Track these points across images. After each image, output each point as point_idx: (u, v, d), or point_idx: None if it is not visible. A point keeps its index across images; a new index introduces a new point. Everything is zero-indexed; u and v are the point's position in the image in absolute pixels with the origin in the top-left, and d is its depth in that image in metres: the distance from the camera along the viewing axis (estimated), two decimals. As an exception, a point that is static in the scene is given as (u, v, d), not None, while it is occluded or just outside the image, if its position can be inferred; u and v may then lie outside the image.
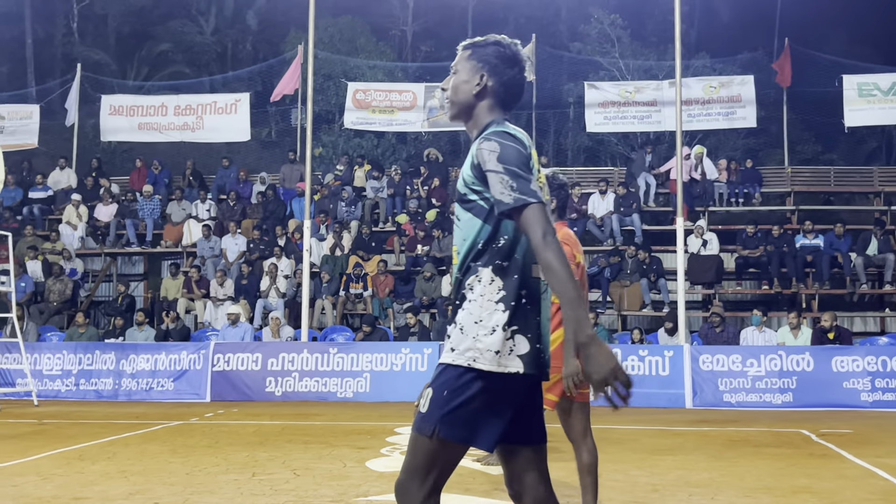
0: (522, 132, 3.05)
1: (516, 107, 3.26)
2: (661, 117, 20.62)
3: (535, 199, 2.83)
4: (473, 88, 3.15)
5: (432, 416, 2.89)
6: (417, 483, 2.91)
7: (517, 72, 3.16)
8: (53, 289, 17.79)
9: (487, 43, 3.19)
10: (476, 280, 2.94)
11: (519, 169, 2.87)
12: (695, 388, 13.80)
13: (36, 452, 8.62)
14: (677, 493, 6.63)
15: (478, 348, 2.88)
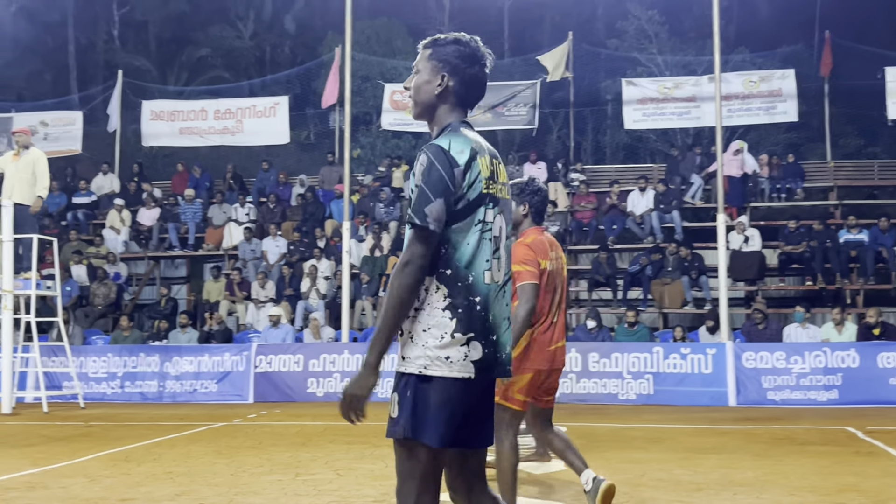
0: (468, 142, 3.06)
1: (476, 104, 3.29)
2: (701, 113, 20.44)
3: (420, 221, 2.91)
4: (435, 89, 3.18)
5: (400, 419, 3.02)
6: (408, 487, 3.05)
7: (478, 70, 3.20)
8: (98, 293, 18.03)
9: (447, 42, 3.23)
10: (424, 290, 3.00)
11: (430, 190, 2.94)
12: (738, 385, 13.68)
13: (83, 454, 8.75)
14: (721, 492, 6.58)
15: (427, 356, 2.98)
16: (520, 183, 5.46)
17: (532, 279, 5.15)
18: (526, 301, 5.11)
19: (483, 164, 3.08)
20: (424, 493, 3.05)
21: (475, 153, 3.05)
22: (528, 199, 5.41)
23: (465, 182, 3.01)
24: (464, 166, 3.00)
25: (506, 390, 5.16)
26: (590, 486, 5.52)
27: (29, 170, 13.56)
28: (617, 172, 21.82)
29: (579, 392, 14.04)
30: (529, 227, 5.43)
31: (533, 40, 32.10)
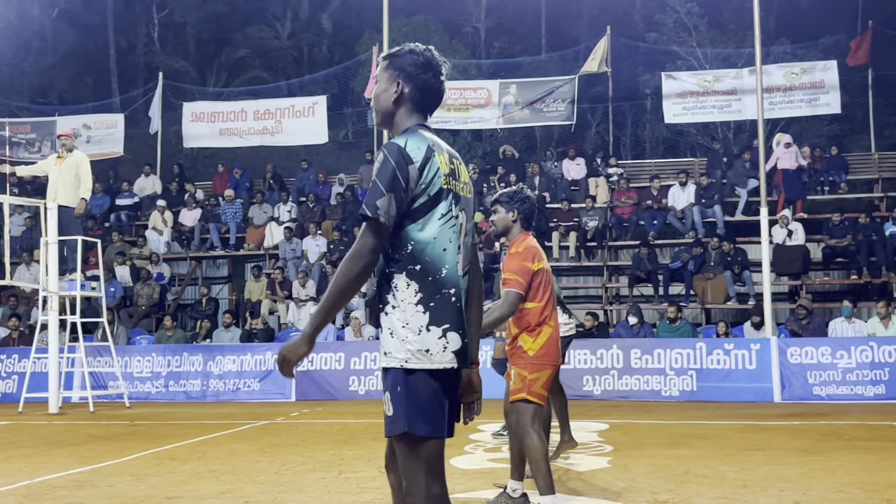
0: (424, 142, 3.20)
1: (433, 111, 3.43)
2: (742, 106, 20.23)
3: (371, 213, 3.07)
4: (391, 96, 3.34)
5: (397, 415, 3.11)
6: (415, 479, 3.12)
7: (430, 76, 3.34)
8: (141, 293, 18.23)
9: (402, 53, 3.36)
10: (394, 286, 3.15)
11: (382, 185, 3.09)
12: (783, 381, 13.53)
13: (129, 453, 8.85)
14: (768, 488, 6.51)
15: (408, 349, 3.10)
16: (509, 191, 5.83)
17: (518, 288, 5.49)
18: (507, 306, 5.46)
19: (441, 161, 3.21)
20: (433, 484, 3.14)
21: (431, 151, 3.19)
22: (517, 206, 5.74)
23: (422, 179, 3.14)
24: (420, 163, 3.14)
25: (529, 386, 5.46)
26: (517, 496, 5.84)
27: (72, 172, 13.74)
28: (657, 167, 21.66)
29: (621, 389, 13.96)
30: (519, 233, 5.75)
31: (570, 35, 31.98)
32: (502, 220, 5.75)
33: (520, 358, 5.54)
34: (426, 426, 3.08)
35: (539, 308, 5.54)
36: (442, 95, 3.41)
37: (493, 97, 21.13)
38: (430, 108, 3.39)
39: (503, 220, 5.73)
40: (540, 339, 5.51)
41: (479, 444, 9.11)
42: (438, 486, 3.15)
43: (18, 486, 7.11)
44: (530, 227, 5.82)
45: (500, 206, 5.77)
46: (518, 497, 5.82)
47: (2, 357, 16.04)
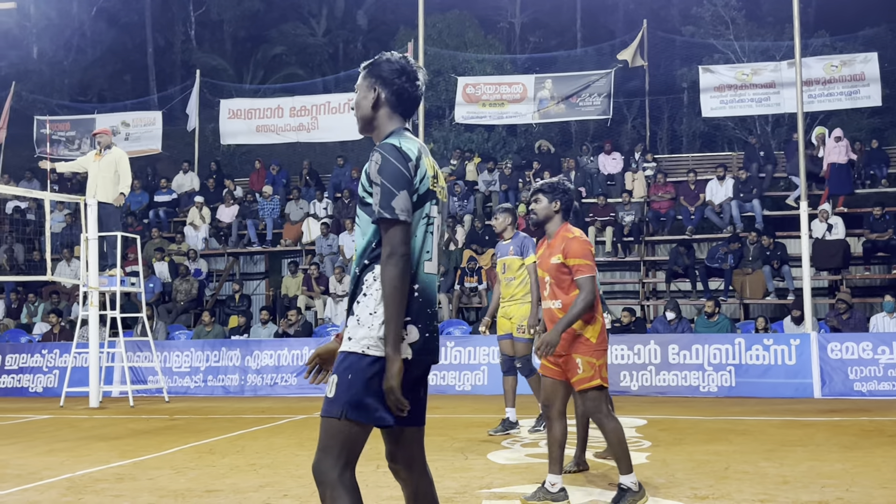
0: (414, 143, 3.36)
1: (411, 117, 3.55)
2: (780, 99, 20.00)
3: (391, 215, 3.17)
4: (370, 102, 3.48)
5: (339, 399, 3.23)
6: (331, 461, 3.25)
7: (404, 80, 3.45)
8: (180, 288, 18.39)
9: (379, 61, 3.51)
10: (371, 277, 3.28)
11: (391, 184, 3.19)
12: (823, 377, 13.37)
13: (169, 447, 8.93)
14: (809, 484, 6.44)
15: (371, 336, 3.21)
16: (551, 181, 5.94)
17: (591, 272, 5.64)
18: (587, 293, 5.59)
19: (428, 164, 3.37)
20: (347, 468, 3.27)
21: (421, 152, 3.35)
22: (559, 197, 5.85)
23: (416, 178, 3.29)
24: (414, 162, 3.29)
25: (600, 371, 5.62)
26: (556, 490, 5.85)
27: (111, 169, 13.87)
28: (694, 161, 21.49)
29: (659, 384, 13.87)
30: (560, 223, 5.86)
31: (606, 29, 31.83)
32: (544, 209, 5.84)
33: (584, 346, 5.63)
34: (366, 413, 3.20)
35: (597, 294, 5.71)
36: (418, 101, 3.51)
37: (529, 92, 21.07)
38: (407, 113, 3.51)
39: (545, 210, 5.85)
40: (598, 325, 5.66)
41: (516, 439, 9.10)
42: (349, 473, 3.28)
43: (61, 478, 7.20)
44: (569, 217, 5.92)
45: (543, 196, 5.85)
46: (557, 492, 5.81)
47: (43, 352, 16.25)
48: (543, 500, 5.80)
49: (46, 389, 15.82)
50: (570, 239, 5.70)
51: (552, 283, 5.78)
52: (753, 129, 25.64)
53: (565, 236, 5.73)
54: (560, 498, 5.78)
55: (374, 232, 3.28)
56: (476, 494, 6.23)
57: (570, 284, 5.69)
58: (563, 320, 5.56)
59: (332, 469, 3.24)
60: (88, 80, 34.90)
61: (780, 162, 19.85)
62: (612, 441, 5.61)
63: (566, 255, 5.66)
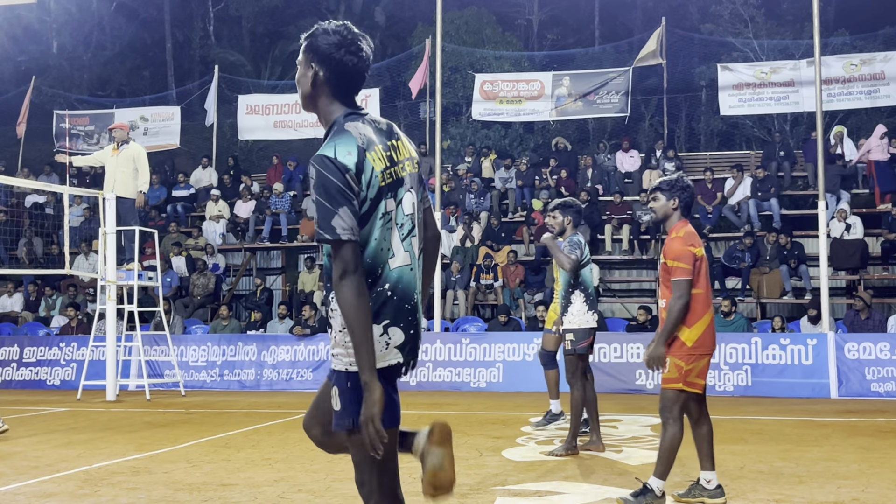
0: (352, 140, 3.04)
1: (357, 91, 3.24)
2: (799, 98, 19.90)
3: (331, 236, 2.92)
4: (309, 80, 3.20)
5: (346, 410, 3.07)
6: (368, 474, 3.12)
7: (343, 54, 3.15)
8: (197, 283, 18.47)
9: (317, 33, 3.22)
10: None
11: (326, 201, 2.93)
12: (840, 377, 13.31)
13: (185, 441, 8.98)
14: (825, 484, 6.41)
15: (349, 353, 3.05)
16: (670, 179, 5.84)
17: (686, 276, 5.55)
18: (680, 296, 5.54)
19: (374, 158, 3.06)
20: (384, 476, 3.13)
21: (363, 152, 3.03)
22: (678, 195, 5.78)
23: (360, 186, 3.00)
24: (355, 169, 2.99)
25: (685, 376, 5.58)
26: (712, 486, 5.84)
27: (129, 164, 13.93)
28: (712, 160, 21.41)
29: (674, 383, 13.83)
30: (678, 220, 5.79)
31: (624, 27, 31.75)
32: (662, 207, 5.80)
33: (676, 348, 5.59)
34: None
35: (700, 295, 5.61)
36: (362, 74, 3.21)
37: (546, 89, 21.04)
38: (351, 90, 3.21)
39: (663, 208, 5.80)
40: (698, 329, 5.59)
41: (531, 436, 9.10)
42: (388, 480, 3.14)
43: (78, 471, 7.26)
44: (688, 214, 5.87)
45: (661, 194, 5.80)
46: (713, 488, 5.81)
47: (61, 345, 16.36)
48: (699, 497, 5.80)
49: (64, 382, 15.92)
50: (671, 239, 5.68)
51: (662, 283, 5.78)
52: (772, 127, 25.50)
53: (671, 235, 5.71)
54: (717, 495, 5.77)
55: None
56: (490, 491, 6.23)
57: None
58: (662, 331, 5.56)
59: (371, 482, 3.12)
60: (107, 74, 35.07)
61: (799, 161, 19.76)
62: (664, 444, 5.60)
63: (665, 254, 5.65)
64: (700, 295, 5.60)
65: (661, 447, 5.63)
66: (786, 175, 19.09)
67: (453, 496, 5.97)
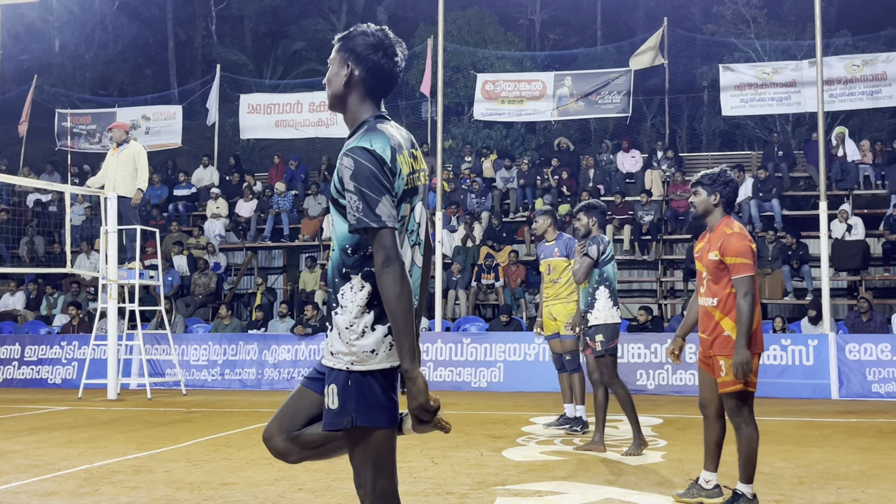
0: (385, 139, 3.09)
1: (387, 96, 3.30)
2: (801, 98, 19.90)
3: (377, 224, 2.96)
4: (342, 79, 3.24)
5: (344, 408, 3.07)
6: (366, 473, 3.10)
7: (380, 57, 3.21)
8: (199, 282, 18.48)
9: (354, 34, 3.25)
10: (348, 286, 3.10)
11: (368, 190, 2.97)
12: (841, 378, 13.30)
13: (186, 440, 8.99)
14: (825, 485, 6.42)
15: (353, 352, 3.06)
16: (711, 173, 5.71)
17: (749, 272, 5.46)
18: (746, 293, 5.44)
19: (402, 161, 3.12)
20: (380, 477, 3.11)
21: (395, 151, 3.09)
22: (719, 190, 5.65)
23: (394, 181, 3.07)
24: (390, 164, 3.05)
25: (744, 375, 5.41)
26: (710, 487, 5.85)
27: (130, 163, 13.94)
28: (713, 160, 21.41)
29: (676, 384, 13.84)
30: (721, 216, 5.66)
31: (626, 27, 31.72)
32: (703, 202, 5.67)
33: (728, 347, 5.48)
34: (375, 417, 3.05)
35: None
36: (396, 78, 3.27)
37: (548, 89, 21.04)
38: (383, 93, 3.27)
39: (704, 203, 5.67)
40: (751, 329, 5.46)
41: (531, 436, 9.10)
42: (387, 480, 3.12)
43: (78, 469, 7.27)
44: (731, 210, 5.75)
45: (702, 188, 5.68)
46: (711, 489, 5.78)
47: (62, 344, 16.37)
48: (697, 497, 5.78)
49: (65, 381, 15.93)
50: (728, 235, 5.51)
51: (709, 280, 5.62)
52: (774, 128, 25.50)
53: (724, 231, 5.55)
54: (714, 495, 5.73)
55: (348, 238, 3.09)
56: (490, 491, 6.24)
57: (726, 282, 5.52)
58: (740, 335, 5.38)
59: (367, 481, 3.11)
60: (109, 73, 35.06)
61: (801, 161, 19.75)
62: (742, 447, 5.49)
63: (724, 252, 5.49)
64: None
65: (741, 453, 5.51)
66: (784, 176, 19.07)
67: (454, 496, 5.98)
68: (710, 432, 5.84)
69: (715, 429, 5.82)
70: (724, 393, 5.55)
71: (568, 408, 9.59)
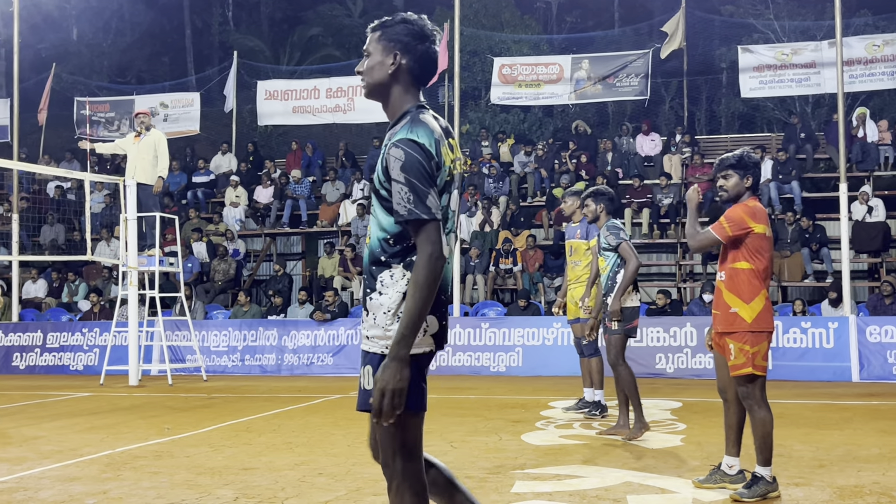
0: (429, 130, 3.10)
1: (427, 85, 3.31)
2: (821, 79, 19.73)
3: (427, 216, 2.98)
4: (388, 68, 3.21)
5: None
6: (394, 454, 3.13)
7: (428, 46, 3.22)
8: (218, 269, 18.56)
9: (395, 22, 3.23)
10: (388, 275, 3.11)
11: (418, 182, 2.99)
12: (861, 360, 13.24)
13: (207, 425, 9.05)
14: (845, 468, 6.40)
15: (388, 336, 3.08)
16: (738, 155, 5.70)
17: (719, 233, 5.55)
18: (701, 239, 5.68)
19: (445, 154, 3.15)
20: (407, 458, 3.15)
21: (438, 144, 3.11)
22: (751, 173, 5.65)
23: (438, 174, 3.09)
24: (435, 157, 3.07)
25: (752, 359, 5.47)
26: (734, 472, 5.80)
27: (150, 151, 14.01)
28: (733, 142, 21.28)
29: (695, 367, 13.82)
30: (749, 197, 5.67)
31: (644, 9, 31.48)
32: (735, 186, 5.64)
33: (737, 328, 5.49)
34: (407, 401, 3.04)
35: (755, 271, 5.49)
36: (437, 67, 3.29)
37: (565, 72, 20.95)
38: (426, 82, 3.30)
39: (736, 187, 5.64)
40: (756, 305, 5.47)
41: (550, 420, 9.11)
42: (414, 462, 3.16)
43: (101, 455, 7.33)
44: (758, 191, 5.77)
45: (734, 171, 5.65)
46: (735, 474, 5.76)
47: (84, 331, 16.50)
48: (720, 482, 5.76)
49: (87, 367, 16.06)
50: (735, 206, 5.62)
51: (720, 255, 5.67)
52: (793, 109, 25.32)
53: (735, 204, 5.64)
54: (738, 480, 5.70)
55: (391, 228, 3.10)
56: (509, 475, 6.25)
57: (732, 257, 5.54)
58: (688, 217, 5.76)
59: (395, 462, 3.14)
60: (127, 61, 35.18)
61: (821, 143, 19.61)
62: (756, 430, 5.50)
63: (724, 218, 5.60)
64: (751, 271, 5.47)
65: (755, 436, 5.51)
66: (808, 158, 18.94)
67: (473, 480, 6.00)
68: (731, 416, 5.81)
69: (735, 412, 5.78)
70: (735, 376, 5.54)
71: (587, 392, 9.58)
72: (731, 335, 5.51)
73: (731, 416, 5.80)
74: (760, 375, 5.51)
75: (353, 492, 5.79)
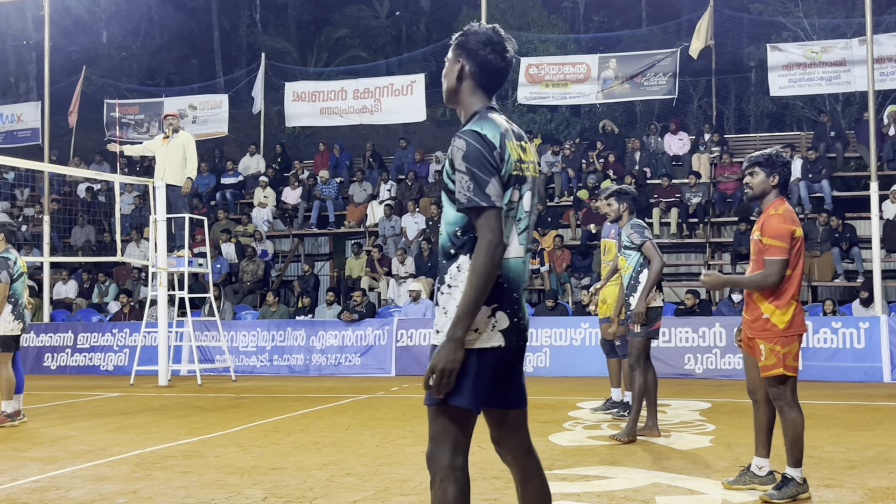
0: (496, 127, 3.23)
1: (497, 90, 3.44)
2: (851, 77, 19.52)
3: (486, 203, 3.08)
4: (455, 73, 3.41)
5: None
6: (439, 449, 3.19)
7: (488, 52, 3.35)
8: (246, 269, 18.66)
9: (466, 33, 3.42)
10: (456, 267, 3.20)
11: (479, 171, 3.11)
12: (893, 360, 13.09)
13: (236, 425, 9.10)
14: (876, 469, 6.34)
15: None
16: (767, 154, 5.64)
17: (781, 255, 5.39)
18: (771, 275, 5.40)
19: (511, 148, 3.25)
20: (457, 455, 3.20)
21: (503, 137, 3.22)
22: (778, 171, 5.58)
23: (502, 166, 3.19)
24: (499, 149, 3.18)
25: (783, 360, 5.42)
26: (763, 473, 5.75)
27: (179, 152, 14.12)
28: (762, 141, 21.12)
29: (724, 368, 13.73)
30: (775, 197, 5.59)
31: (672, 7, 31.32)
32: (761, 183, 5.58)
33: (768, 331, 5.44)
34: (461, 398, 3.13)
35: (793, 277, 5.44)
36: (505, 73, 3.41)
37: (593, 72, 20.86)
38: (493, 86, 3.42)
39: (762, 185, 5.58)
40: (788, 311, 5.42)
41: (578, 420, 9.09)
42: (461, 459, 3.21)
43: (131, 454, 7.39)
44: (786, 191, 5.71)
45: (760, 169, 5.59)
46: (765, 475, 5.72)
47: (114, 331, 16.65)
48: (750, 484, 5.73)
49: (117, 368, 16.20)
50: (770, 216, 5.48)
51: (754, 260, 5.60)
52: (823, 108, 25.10)
53: (769, 213, 5.51)
54: (768, 481, 5.66)
55: (458, 220, 3.19)
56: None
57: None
58: (738, 279, 5.69)
59: (441, 457, 3.19)
60: (156, 64, 35.47)
61: (851, 141, 19.42)
62: (787, 431, 5.45)
63: (763, 232, 5.46)
64: (792, 277, 5.42)
65: (786, 437, 5.47)
66: (839, 156, 18.76)
67: (500, 480, 6.00)
68: (760, 417, 5.76)
69: (765, 413, 5.74)
70: (766, 377, 5.49)
71: (615, 392, 9.54)
72: (762, 337, 5.48)
73: (761, 416, 5.76)
74: (792, 376, 5.47)
75: (380, 492, 5.80)
